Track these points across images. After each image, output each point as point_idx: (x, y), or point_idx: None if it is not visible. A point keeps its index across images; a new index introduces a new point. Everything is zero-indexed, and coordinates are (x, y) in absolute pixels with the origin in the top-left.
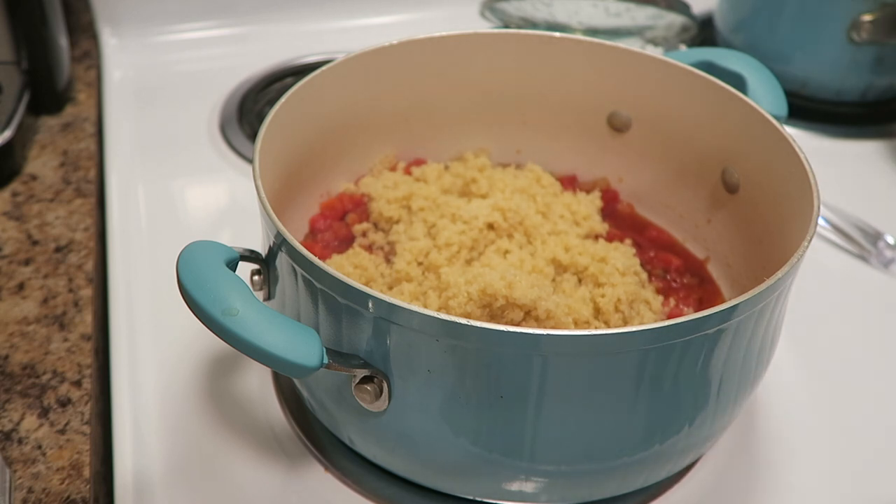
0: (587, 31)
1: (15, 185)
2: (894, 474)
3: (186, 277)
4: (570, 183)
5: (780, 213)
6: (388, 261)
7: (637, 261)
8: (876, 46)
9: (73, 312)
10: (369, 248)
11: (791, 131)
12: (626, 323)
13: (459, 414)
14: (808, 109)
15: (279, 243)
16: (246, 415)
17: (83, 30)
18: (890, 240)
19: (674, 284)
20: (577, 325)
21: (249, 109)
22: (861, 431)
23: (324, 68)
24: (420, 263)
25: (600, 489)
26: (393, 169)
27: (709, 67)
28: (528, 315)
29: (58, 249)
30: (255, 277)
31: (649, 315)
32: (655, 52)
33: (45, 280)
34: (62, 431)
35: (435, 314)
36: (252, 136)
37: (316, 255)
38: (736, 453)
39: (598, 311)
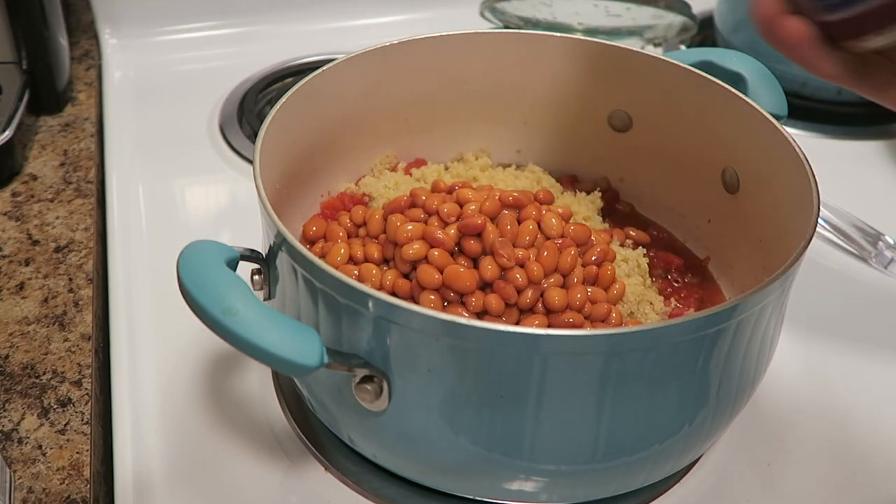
0: (587, 31)
1: (15, 185)
2: (894, 474)
3: (187, 277)
4: (570, 183)
5: (780, 213)
6: None
7: (645, 261)
8: None
9: (73, 312)
10: None
11: (791, 131)
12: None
13: (459, 414)
14: (808, 109)
15: (279, 243)
16: (246, 415)
17: (83, 30)
18: (890, 240)
19: (675, 284)
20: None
21: (249, 109)
22: (861, 431)
23: (324, 68)
24: None
25: (600, 489)
26: (393, 169)
27: (709, 67)
28: None
29: (58, 249)
30: (256, 277)
31: (653, 315)
32: (655, 52)
33: (45, 280)
34: (62, 431)
35: (435, 314)
36: (252, 136)
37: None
38: (736, 453)
39: None
